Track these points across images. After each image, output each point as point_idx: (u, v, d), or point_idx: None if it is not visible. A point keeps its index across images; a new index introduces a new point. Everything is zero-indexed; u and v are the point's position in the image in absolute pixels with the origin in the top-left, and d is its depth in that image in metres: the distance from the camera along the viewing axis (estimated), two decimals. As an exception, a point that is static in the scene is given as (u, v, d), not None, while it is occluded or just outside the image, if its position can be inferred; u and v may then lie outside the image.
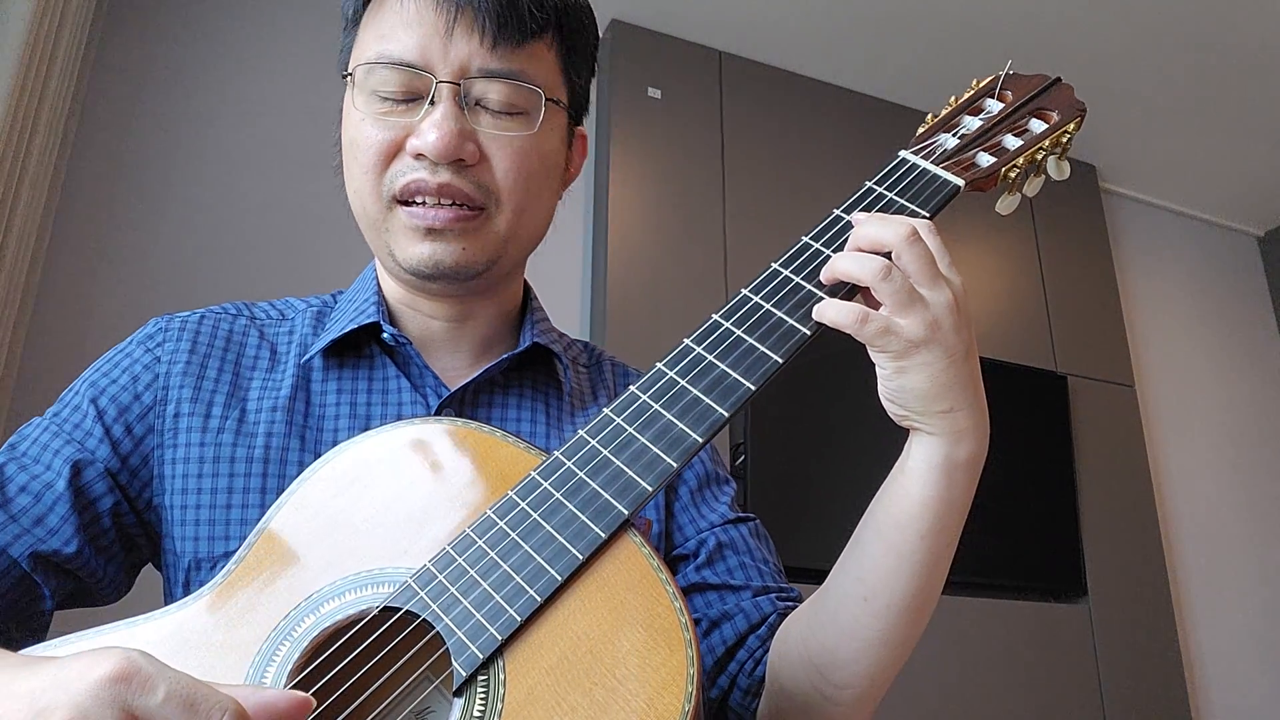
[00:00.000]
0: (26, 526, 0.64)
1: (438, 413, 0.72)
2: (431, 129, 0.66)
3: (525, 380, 0.77)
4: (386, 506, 0.59)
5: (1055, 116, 0.71)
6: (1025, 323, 2.84)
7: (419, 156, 0.68)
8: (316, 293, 0.84)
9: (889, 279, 0.56)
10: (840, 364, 2.54)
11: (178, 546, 0.68)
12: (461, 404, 0.74)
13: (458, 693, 0.51)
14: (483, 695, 0.51)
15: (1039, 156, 0.71)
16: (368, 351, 0.75)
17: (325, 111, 2.48)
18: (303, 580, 0.57)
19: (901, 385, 0.59)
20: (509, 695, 0.51)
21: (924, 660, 2.32)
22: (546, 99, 0.70)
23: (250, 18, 2.31)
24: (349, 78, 0.71)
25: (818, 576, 2.64)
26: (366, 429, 0.70)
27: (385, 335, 0.74)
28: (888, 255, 0.58)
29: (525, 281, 0.84)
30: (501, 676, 0.51)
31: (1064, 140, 0.71)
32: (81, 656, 0.42)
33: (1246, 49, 2.65)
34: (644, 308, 2.34)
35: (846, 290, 0.61)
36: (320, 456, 0.66)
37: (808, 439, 2.39)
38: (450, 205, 0.69)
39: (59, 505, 0.65)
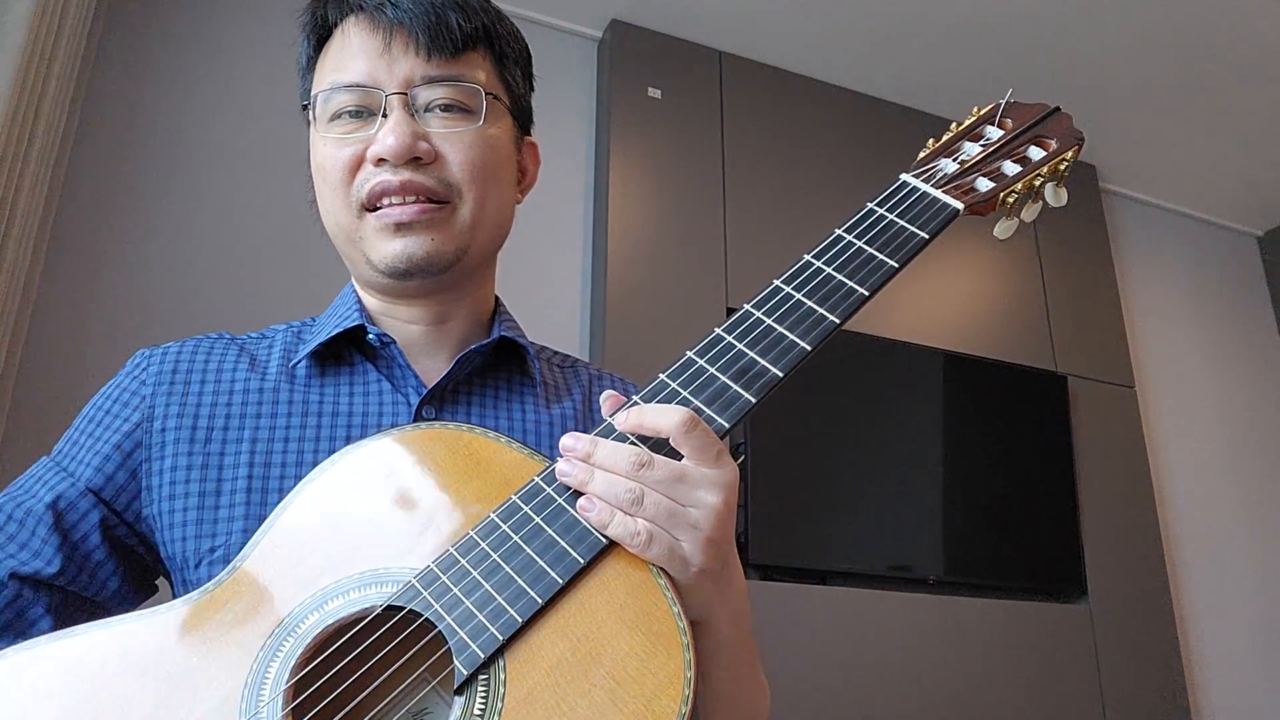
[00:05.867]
0: (10, 550, 0.69)
1: (417, 410, 0.75)
2: (388, 134, 0.72)
3: (500, 378, 0.81)
4: (390, 508, 0.60)
5: (1054, 144, 0.73)
6: (1025, 323, 2.84)
7: (380, 162, 0.73)
8: (314, 293, 0.86)
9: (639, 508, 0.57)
10: (840, 365, 2.55)
11: (169, 550, 0.71)
12: (441, 402, 0.76)
13: (458, 691, 0.52)
14: (483, 695, 0.52)
15: (1037, 183, 0.72)
16: (349, 358, 0.78)
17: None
18: (306, 578, 0.58)
19: None
20: (509, 695, 0.52)
21: (925, 660, 2.32)
22: (487, 93, 0.77)
23: (251, 18, 2.31)
24: (309, 109, 0.78)
25: (818, 576, 2.64)
26: (349, 429, 0.73)
27: (370, 336, 0.77)
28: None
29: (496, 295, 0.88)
30: (502, 676, 0.52)
31: (1062, 168, 0.73)
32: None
33: (1246, 49, 2.65)
34: (644, 307, 2.34)
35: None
36: (303, 458, 0.69)
37: (808, 439, 2.39)
38: (415, 201, 0.73)
39: (39, 528, 0.70)
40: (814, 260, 0.66)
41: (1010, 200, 0.71)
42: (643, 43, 2.62)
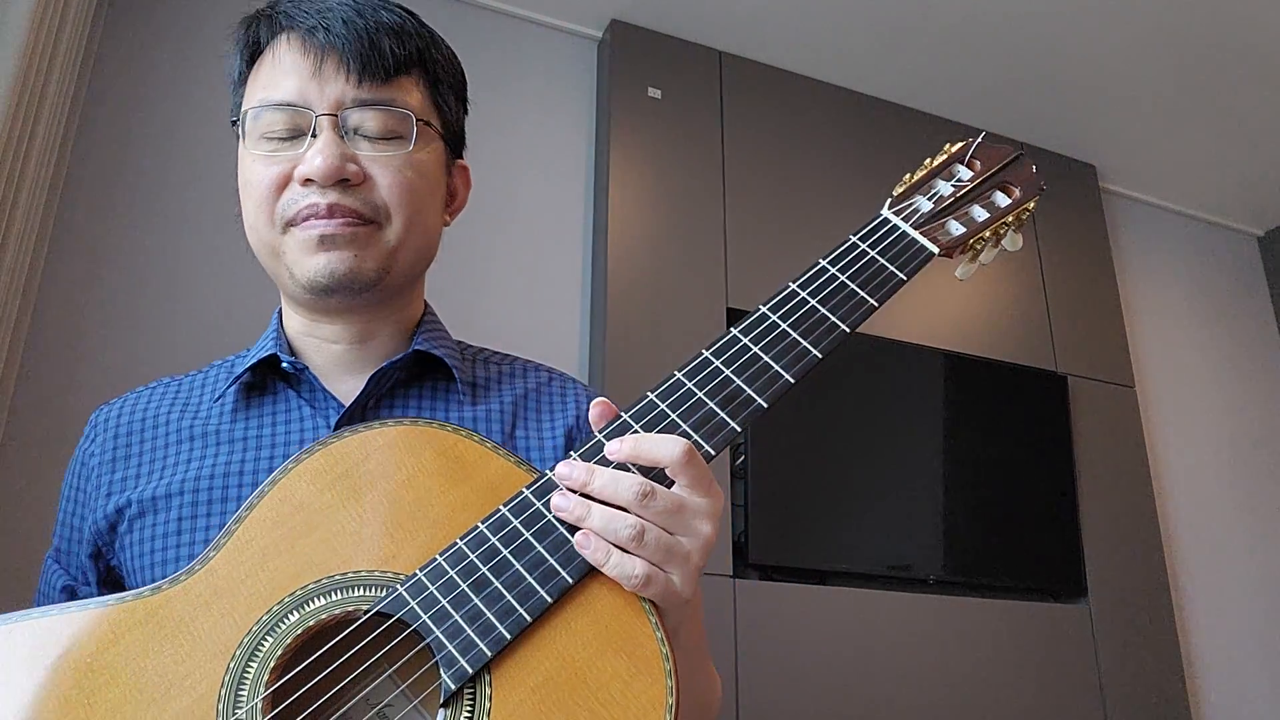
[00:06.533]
0: None
1: (336, 429, 0.74)
2: (316, 154, 0.73)
3: (425, 387, 0.81)
4: (374, 507, 0.59)
5: (1018, 193, 0.75)
6: (1025, 323, 2.84)
7: (307, 183, 0.73)
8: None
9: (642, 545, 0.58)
10: (840, 365, 2.55)
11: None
12: (363, 420, 0.76)
13: (444, 705, 0.52)
14: (469, 710, 0.52)
15: (1002, 231, 0.75)
16: (271, 387, 0.79)
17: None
18: (286, 575, 0.57)
19: None
20: (495, 711, 0.52)
21: (925, 660, 2.32)
22: (417, 119, 0.77)
23: (250, 18, 2.31)
24: (238, 125, 0.79)
25: (818, 576, 2.64)
26: (271, 458, 0.73)
27: (284, 364, 0.77)
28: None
29: (427, 303, 0.88)
30: (488, 691, 0.52)
31: (1024, 217, 0.75)
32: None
33: (1246, 49, 2.64)
34: (644, 307, 2.34)
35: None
36: (229, 493, 0.70)
37: (808, 439, 2.39)
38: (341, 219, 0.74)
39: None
40: (799, 290, 0.67)
41: (978, 247, 0.75)
42: (643, 43, 2.62)
